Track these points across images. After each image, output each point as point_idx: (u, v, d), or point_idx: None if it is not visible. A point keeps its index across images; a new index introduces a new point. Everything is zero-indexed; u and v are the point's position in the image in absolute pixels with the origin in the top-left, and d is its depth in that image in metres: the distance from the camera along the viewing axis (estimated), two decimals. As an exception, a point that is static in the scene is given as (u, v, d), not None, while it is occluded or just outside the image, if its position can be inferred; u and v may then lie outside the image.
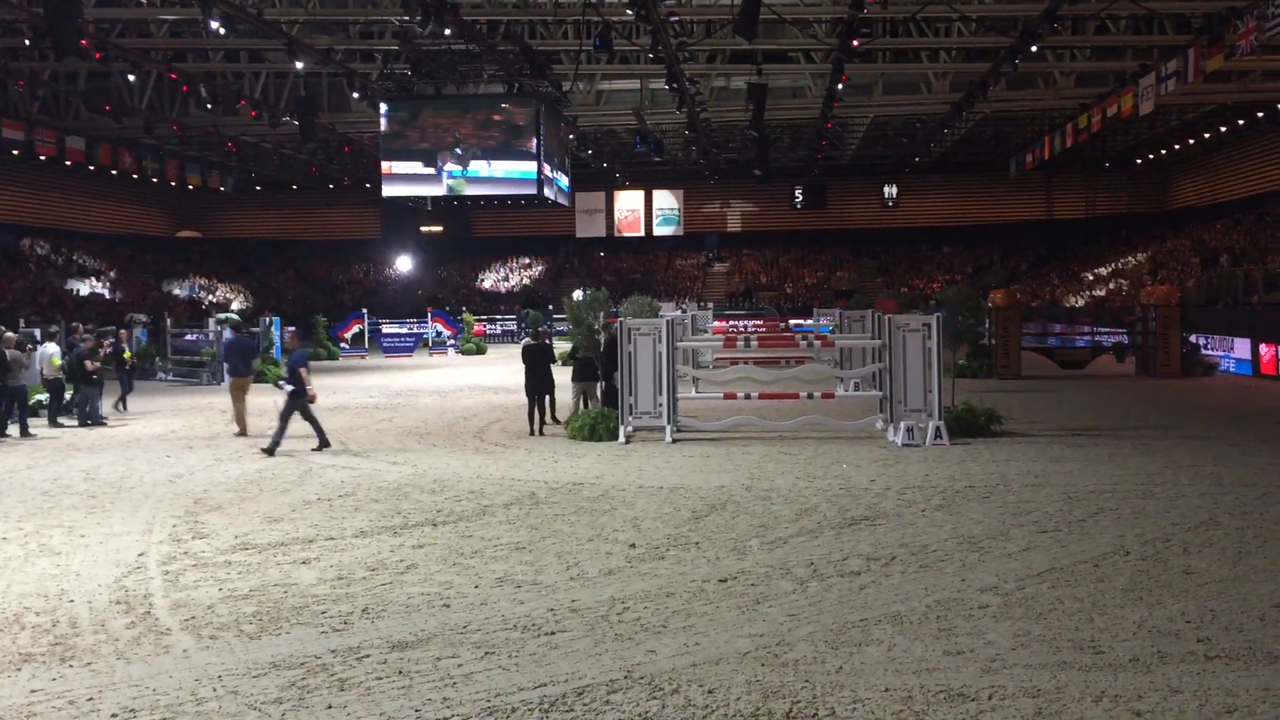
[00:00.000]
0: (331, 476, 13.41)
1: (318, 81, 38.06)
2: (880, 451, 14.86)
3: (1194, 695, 5.74)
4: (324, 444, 15.57)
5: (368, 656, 6.56)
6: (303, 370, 15.42)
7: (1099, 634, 6.77)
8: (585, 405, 18.00)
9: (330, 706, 5.79)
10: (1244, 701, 5.64)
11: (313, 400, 15.63)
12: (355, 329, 41.93)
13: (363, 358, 40.12)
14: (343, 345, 40.82)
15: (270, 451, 15.11)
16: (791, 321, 40.82)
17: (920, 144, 52.57)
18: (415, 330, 44.38)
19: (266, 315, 33.21)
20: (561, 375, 18.67)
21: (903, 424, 15.55)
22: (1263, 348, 25.55)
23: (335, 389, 26.70)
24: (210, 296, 57.02)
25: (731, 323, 38.10)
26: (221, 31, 27.61)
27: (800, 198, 64.08)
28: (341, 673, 6.29)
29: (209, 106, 34.05)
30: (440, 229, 67.50)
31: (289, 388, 15.38)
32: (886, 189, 64.26)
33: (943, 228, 65.27)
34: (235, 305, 54.23)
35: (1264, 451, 14.20)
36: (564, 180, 40.59)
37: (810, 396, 17.69)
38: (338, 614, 7.47)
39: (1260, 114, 44.46)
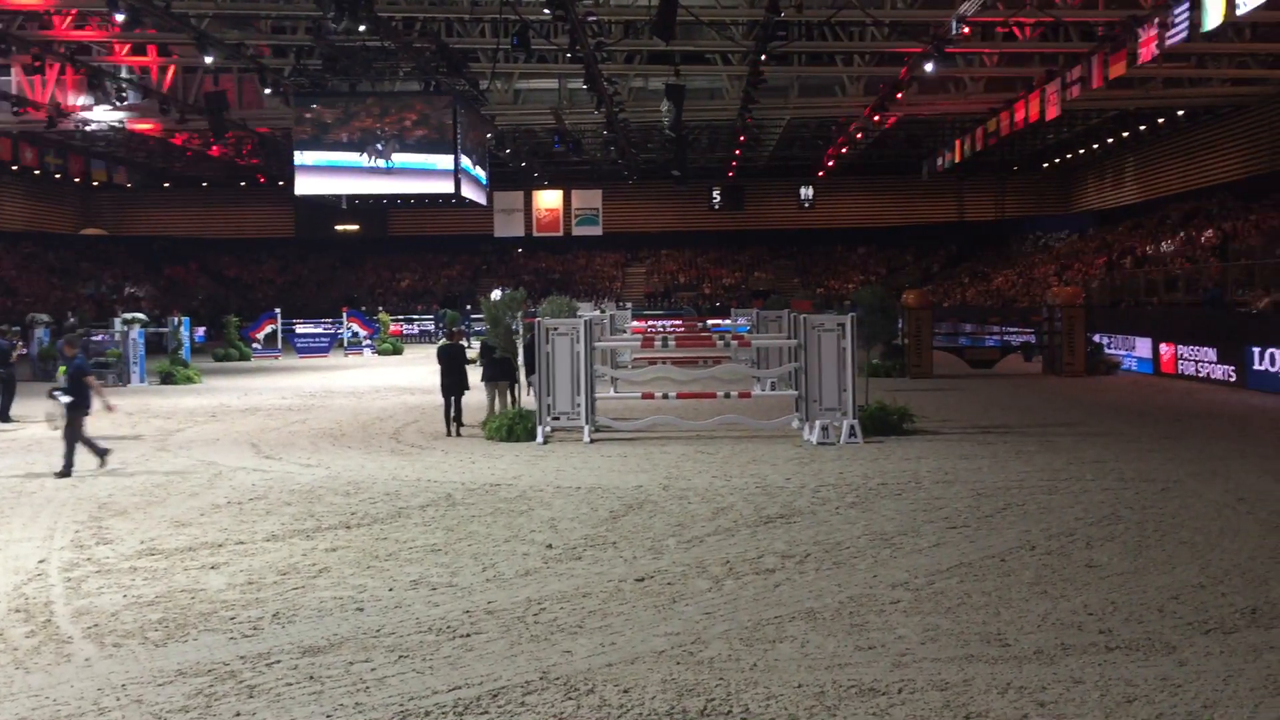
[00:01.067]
0: (242, 479, 13.15)
1: (228, 76, 37.29)
2: (796, 450, 15.03)
3: (1095, 685, 5.90)
4: (66, 472, 13.34)
5: (278, 662, 6.45)
6: (90, 379, 13.78)
7: (1005, 627, 6.93)
8: (505, 404, 17.92)
9: (239, 714, 5.68)
10: (1143, 691, 5.82)
11: (111, 411, 14.04)
12: (268, 329, 41.15)
13: (276, 358, 39.44)
14: (255, 346, 40.06)
15: (65, 473, 13.32)
16: (709, 321, 41.16)
17: (835, 146, 53.26)
18: (331, 330, 43.74)
19: (175, 315, 32.41)
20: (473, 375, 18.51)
21: (818, 423, 15.75)
22: (1163, 347, 26.38)
23: (247, 390, 26.22)
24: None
25: (650, 323, 38.29)
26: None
27: (718, 198, 64.58)
28: (250, 679, 6.17)
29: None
30: (356, 228, 66.66)
31: (66, 399, 13.46)
32: (803, 190, 65.01)
33: (858, 229, 66.30)
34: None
35: (1164, 447, 14.66)
36: (482, 178, 40.38)
37: (727, 396, 17.84)
38: (247, 619, 7.33)
39: (1160, 120, 45.94)
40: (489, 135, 42.49)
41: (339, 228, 66.02)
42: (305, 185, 34.79)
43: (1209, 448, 14.56)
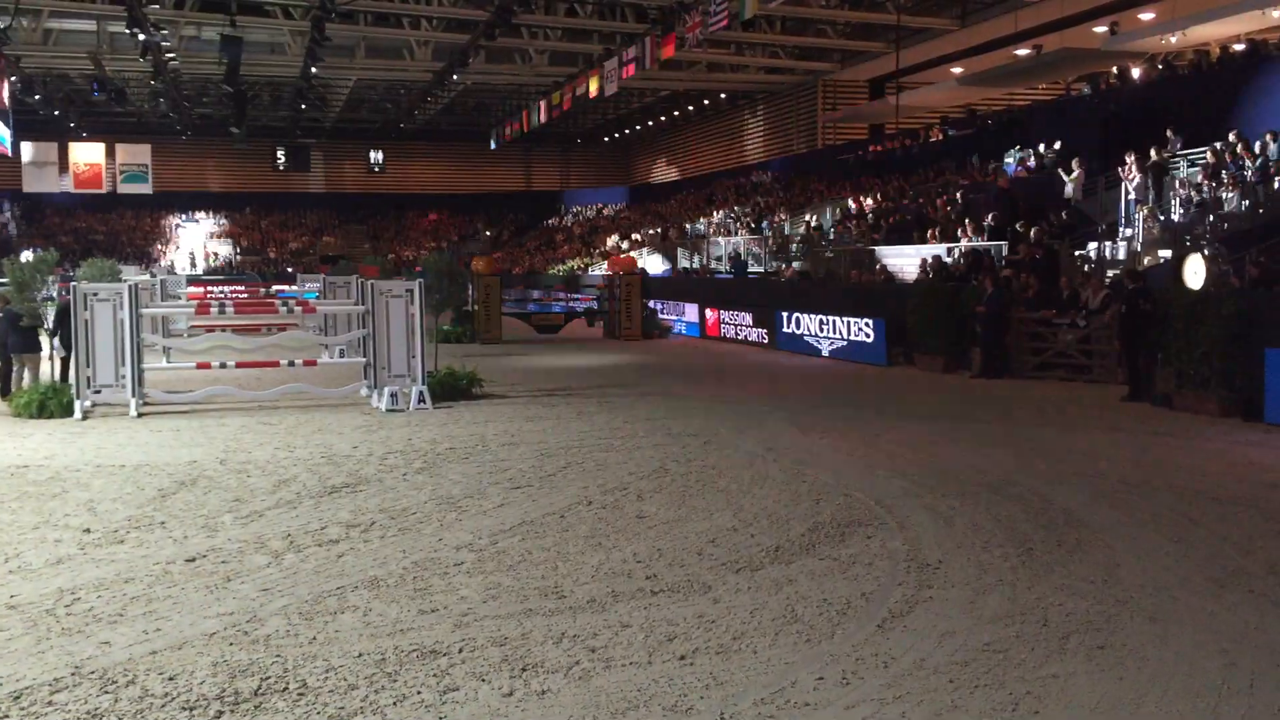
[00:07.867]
0: None
1: None
2: (364, 418, 14.80)
3: (641, 628, 6.31)
4: None
5: None
6: None
7: (562, 580, 7.24)
8: (35, 378, 16.18)
9: None
10: (682, 629, 6.30)
11: None
12: None
13: None
14: None
15: None
16: (275, 287, 39.44)
17: (405, 111, 52.73)
18: None
19: None
20: None
21: (387, 390, 15.60)
22: (708, 312, 28.67)
23: None
24: None
25: (209, 288, 36.07)
26: None
27: (283, 159, 61.71)
28: None
29: None
30: None
31: None
32: (373, 154, 63.78)
33: (429, 195, 66.15)
34: None
35: (708, 404, 15.93)
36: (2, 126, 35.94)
37: (292, 364, 17.19)
38: None
39: (706, 101, 49.69)
40: (13, 79, 37.87)
41: None
42: None
43: (745, 403, 16.03)
